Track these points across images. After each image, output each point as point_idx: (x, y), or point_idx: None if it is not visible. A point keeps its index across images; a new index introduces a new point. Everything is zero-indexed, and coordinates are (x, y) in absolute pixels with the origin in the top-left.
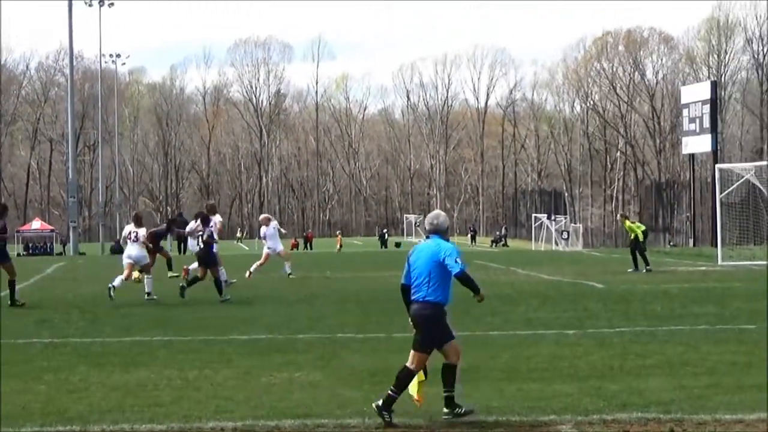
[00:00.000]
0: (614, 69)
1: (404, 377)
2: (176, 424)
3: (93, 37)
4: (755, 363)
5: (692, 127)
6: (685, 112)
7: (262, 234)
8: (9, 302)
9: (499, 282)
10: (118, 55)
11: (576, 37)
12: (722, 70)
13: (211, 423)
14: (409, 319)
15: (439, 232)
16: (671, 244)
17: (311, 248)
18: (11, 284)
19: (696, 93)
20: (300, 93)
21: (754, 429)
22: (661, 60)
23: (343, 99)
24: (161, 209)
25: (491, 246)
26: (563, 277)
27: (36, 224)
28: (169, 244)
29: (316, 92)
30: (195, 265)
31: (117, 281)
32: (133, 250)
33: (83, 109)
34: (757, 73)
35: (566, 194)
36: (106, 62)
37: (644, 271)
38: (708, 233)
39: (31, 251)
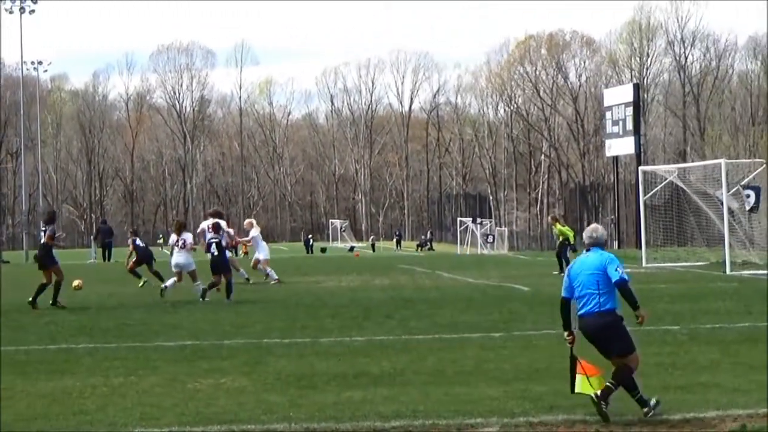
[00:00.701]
0: (537, 72)
1: (626, 375)
2: None
3: (14, 44)
4: (679, 364)
5: (615, 129)
6: (608, 114)
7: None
8: (51, 302)
9: (425, 286)
10: (40, 62)
11: (499, 40)
12: (645, 73)
13: (137, 429)
14: (568, 333)
15: (599, 244)
16: None
17: (237, 254)
18: (57, 285)
19: (619, 95)
20: (224, 98)
21: (679, 429)
22: (584, 63)
23: (266, 104)
24: (85, 216)
25: (417, 250)
26: (489, 280)
27: None
28: (93, 251)
29: (240, 97)
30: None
31: (170, 282)
32: (180, 258)
33: (5, 117)
34: (679, 75)
35: (491, 198)
36: (27, 69)
37: (555, 273)
38: (632, 235)
39: None
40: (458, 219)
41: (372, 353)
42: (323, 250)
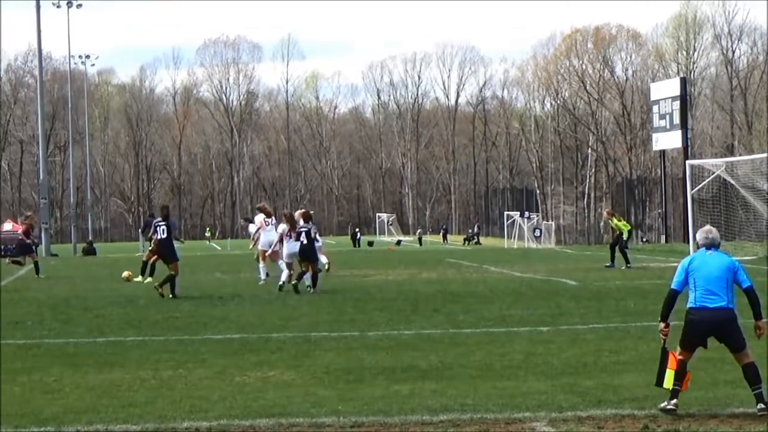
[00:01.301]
0: (584, 66)
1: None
2: (151, 425)
3: (62, 38)
4: (729, 359)
5: (662, 123)
6: (655, 108)
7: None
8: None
9: (472, 280)
10: (87, 56)
11: (545, 34)
12: (691, 67)
13: (185, 423)
14: (665, 324)
15: (715, 245)
16: (644, 240)
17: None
18: (172, 278)
19: (665, 89)
20: (270, 92)
21: (728, 425)
22: (630, 57)
23: (313, 98)
24: (133, 210)
25: (464, 244)
26: (536, 274)
27: (8, 226)
28: (141, 244)
29: (287, 92)
30: None
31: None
32: (295, 247)
33: (53, 111)
34: (726, 69)
35: (538, 192)
36: (75, 63)
37: (623, 268)
38: (680, 229)
39: (3, 252)
40: (505, 213)
41: (420, 347)
42: (370, 243)
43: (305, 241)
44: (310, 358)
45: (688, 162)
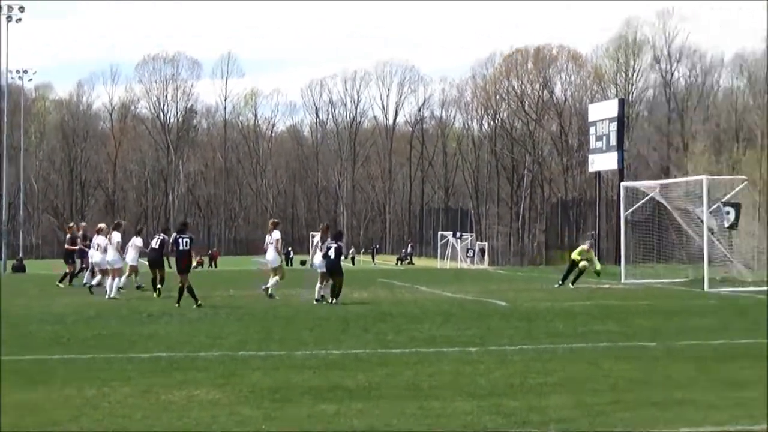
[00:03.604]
0: (523, 86)
1: None
2: None
3: None
4: (655, 380)
5: (599, 145)
6: (592, 129)
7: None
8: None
9: (404, 300)
10: (25, 71)
11: (485, 54)
12: (630, 88)
13: None
14: None
15: None
16: None
17: (216, 266)
18: (180, 290)
19: (603, 111)
20: (209, 109)
21: None
22: (570, 78)
23: (251, 115)
24: (65, 226)
25: (396, 264)
26: (467, 294)
27: None
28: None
29: (225, 109)
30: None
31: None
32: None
33: None
34: (665, 91)
35: (473, 212)
36: (12, 78)
37: (570, 286)
38: (612, 251)
39: None
40: (439, 233)
41: (348, 366)
42: (302, 262)
43: (333, 256)
44: (236, 377)
45: (622, 184)
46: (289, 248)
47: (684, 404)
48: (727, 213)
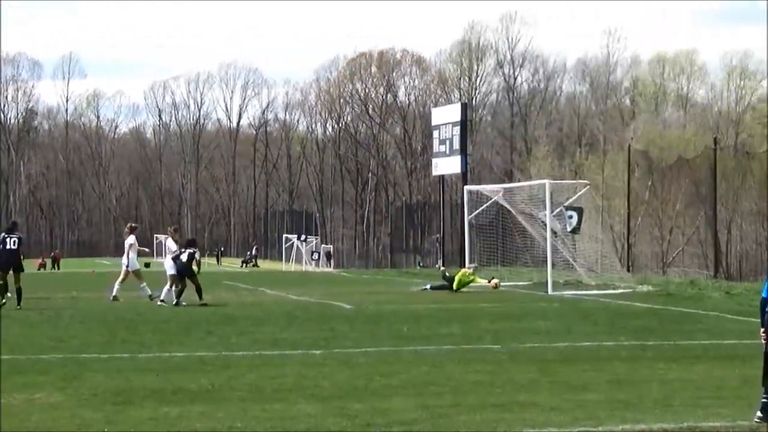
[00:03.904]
0: (367, 90)
1: None
2: None
3: None
4: (498, 382)
5: (442, 148)
6: (435, 133)
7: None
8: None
9: (248, 302)
10: None
11: (329, 57)
12: (473, 93)
13: None
14: (765, 330)
15: None
16: (420, 265)
17: (59, 268)
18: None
19: (447, 115)
20: (50, 111)
21: None
22: (414, 82)
23: (93, 117)
24: None
25: (241, 266)
26: (312, 297)
27: None
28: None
29: (66, 110)
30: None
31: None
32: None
33: None
34: (508, 96)
35: (317, 215)
36: None
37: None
38: (457, 254)
39: None
40: (284, 236)
41: (191, 369)
42: (147, 265)
43: (184, 260)
44: (78, 380)
45: (466, 187)
46: None
47: (526, 406)
48: (570, 217)
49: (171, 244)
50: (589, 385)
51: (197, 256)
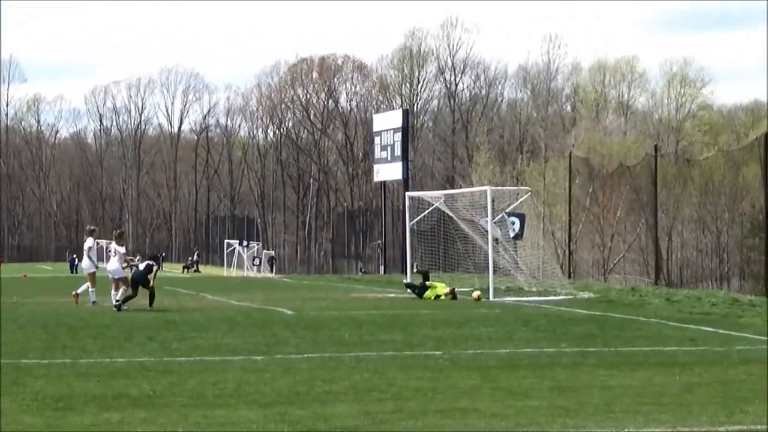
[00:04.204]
0: (308, 96)
1: None
2: None
3: None
4: (440, 389)
5: (384, 155)
6: (377, 140)
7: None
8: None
9: (188, 308)
10: None
11: (270, 63)
12: (415, 99)
13: None
14: None
15: None
16: (362, 270)
17: None
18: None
19: (388, 121)
20: None
21: None
22: (355, 87)
23: (34, 122)
24: None
25: (183, 272)
26: (253, 303)
27: None
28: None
29: (6, 114)
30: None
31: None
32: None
33: None
34: (449, 102)
35: (259, 220)
36: None
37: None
38: (399, 260)
39: None
40: (225, 241)
41: (132, 375)
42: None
43: (141, 268)
44: (18, 386)
45: (407, 194)
46: (74, 255)
47: (468, 413)
48: (512, 223)
49: (116, 248)
50: (531, 391)
51: (155, 269)
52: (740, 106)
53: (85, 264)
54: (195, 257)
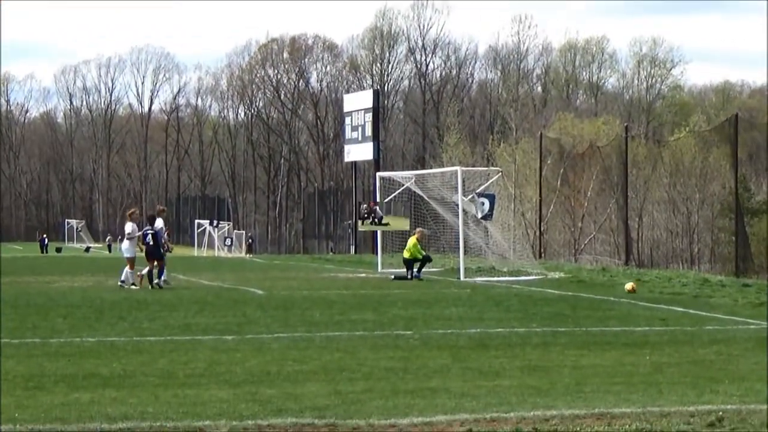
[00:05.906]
0: (279, 76)
1: None
2: None
3: None
4: (410, 368)
5: (355, 135)
6: (347, 120)
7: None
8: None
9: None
10: None
11: (241, 43)
12: (386, 79)
13: None
14: None
15: None
16: (332, 251)
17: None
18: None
19: (358, 101)
20: None
21: None
22: (326, 68)
23: (3, 101)
24: None
25: None
26: (224, 283)
27: None
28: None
29: None
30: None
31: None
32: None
33: None
34: (420, 82)
35: (230, 200)
36: None
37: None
38: (369, 240)
39: None
40: (196, 221)
41: (102, 354)
42: (58, 249)
43: (151, 243)
44: None
45: (378, 174)
46: (44, 235)
47: (438, 392)
48: (482, 204)
49: (128, 227)
50: (501, 371)
51: (165, 235)
52: (711, 87)
53: (125, 247)
54: (165, 237)
